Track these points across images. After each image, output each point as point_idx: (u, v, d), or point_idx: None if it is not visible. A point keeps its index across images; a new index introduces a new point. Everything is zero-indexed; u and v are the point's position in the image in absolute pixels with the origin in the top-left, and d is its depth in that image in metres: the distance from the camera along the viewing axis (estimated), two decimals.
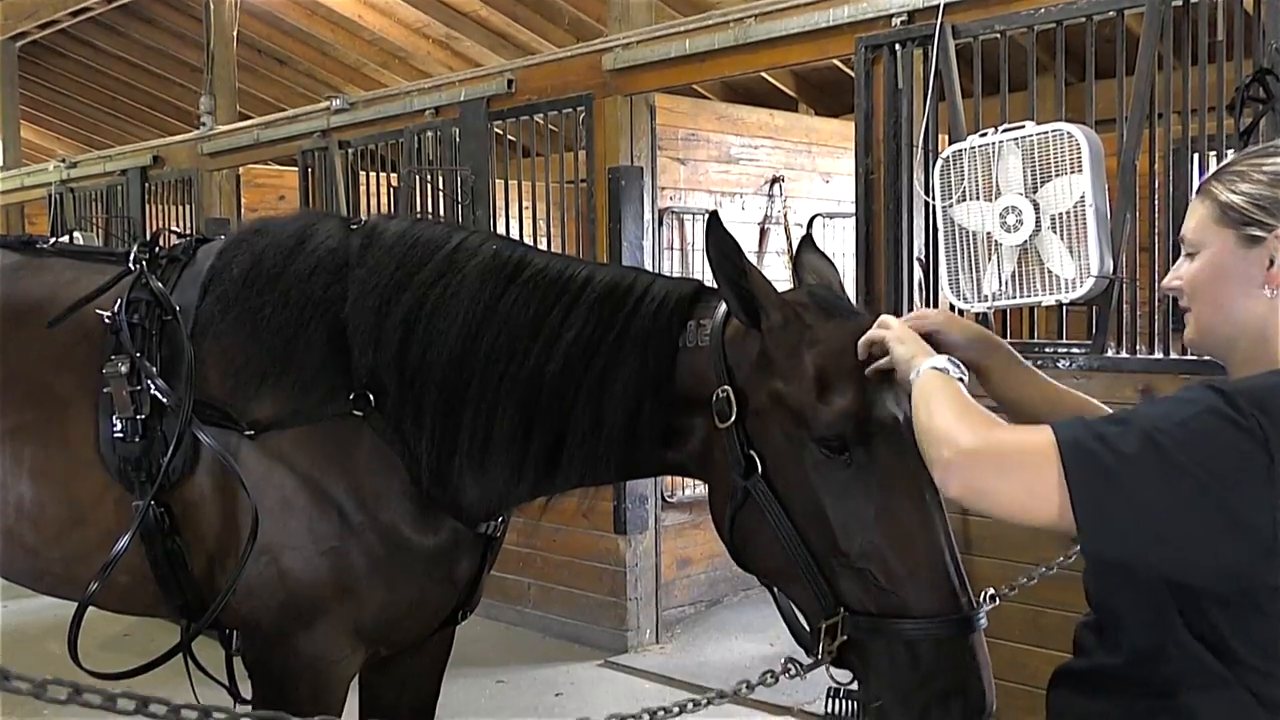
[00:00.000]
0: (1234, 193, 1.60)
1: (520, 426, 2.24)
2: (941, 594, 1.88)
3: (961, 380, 1.71)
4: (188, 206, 8.74)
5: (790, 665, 2.04)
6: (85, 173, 9.82)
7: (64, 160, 10.23)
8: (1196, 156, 4.65)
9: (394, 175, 7.11)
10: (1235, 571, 1.47)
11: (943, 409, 1.59)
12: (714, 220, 2.02)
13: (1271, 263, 1.56)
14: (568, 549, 6.23)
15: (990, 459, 1.50)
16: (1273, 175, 1.58)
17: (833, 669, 2.03)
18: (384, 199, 7.23)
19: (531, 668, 5.82)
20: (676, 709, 2.01)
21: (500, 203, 6.55)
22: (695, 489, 6.14)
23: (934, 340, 1.91)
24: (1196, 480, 1.41)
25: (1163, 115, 4.16)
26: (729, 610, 6.66)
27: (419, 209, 6.71)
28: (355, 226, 2.51)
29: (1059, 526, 1.47)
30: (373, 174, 7.31)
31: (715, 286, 2.19)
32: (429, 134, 6.68)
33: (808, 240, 2.40)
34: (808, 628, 2.05)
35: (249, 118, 9.06)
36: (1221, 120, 3.96)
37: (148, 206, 9.10)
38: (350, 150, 7.29)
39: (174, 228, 2.59)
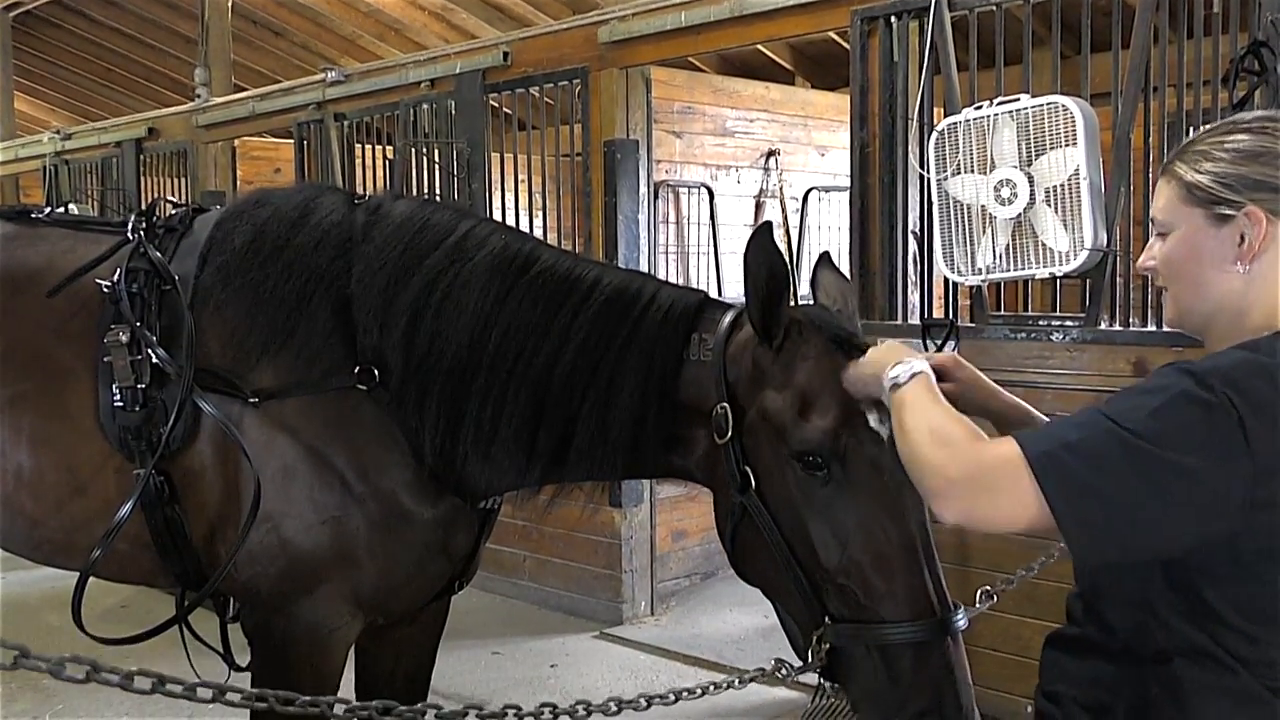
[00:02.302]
0: (1199, 172, 1.61)
1: (527, 424, 2.28)
2: (917, 601, 1.92)
3: (916, 375, 1.72)
4: (183, 179, 8.72)
5: (781, 667, 2.08)
6: (80, 144, 9.79)
7: (58, 132, 10.20)
8: (1191, 130, 4.66)
9: (390, 148, 7.10)
10: (1220, 542, 1.49)
11: (922, 438, 1.61)
12: (765, 231, 2.00)
13: (1243, 239, 1.58)
14: (564, 522, 6.26)
15: (975, 481, 1.52)
16: (1235, 152, 1.59)
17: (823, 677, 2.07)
18: (380, 172, 7.23)
19: (527, 639, 5.86)
20: (671, 696, 2.08)
21: (496, 176, 6.55)
22: None
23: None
24: (1173, 467, 1.44)
25: (1158, 89, 4.17)
26: (723, 583, 6.69)
27: (414, 182, 6.72)
28: (359, 202, 2.53)
29: (1051, 529, 1.49)
30: (368, 146, 7.30)
31: (717, 299, 2.24)
32: (424, 106, 6.67)
33: (825, 259, 2.40)
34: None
35: (244, 89, 9.04)
36: (1216, 93, 3.97)
37: (143, 179, 9.08)
38: (346, 123, 7.28)
39: (170, 198, 2.59)
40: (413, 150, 6.74)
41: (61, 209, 2.92)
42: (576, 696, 5.39)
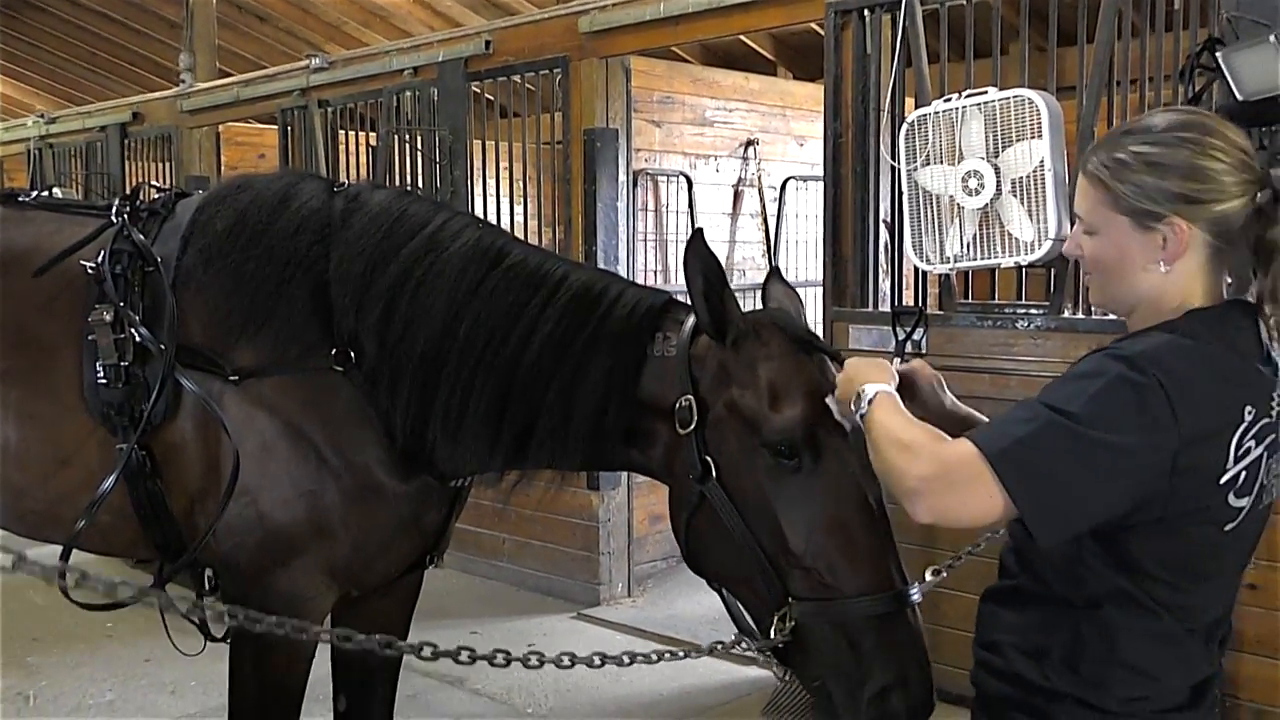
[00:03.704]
0: (1122, 183, 1.74)
1: (493, 410, 2.37)
2: (881, 577, 2.04)
3: (885, 393, 1.85)
4: (168, 164, 8.76)
5: (741, 640, 2.19)
6: (64, 128, 9.82)
7: (43, 116, 10.22)
8: None
9: (373, 135, 7.17)
10: (1151, 505, 1.64)
11: (889, 450, 1.73)
12: (698, 237, 2.14)
13: (1165, 242, 1.72)
14: (542, 505, 6.31)
15: (938, 481, 1.65)
16: (1154, 165, 1.72)
17: (775, 663, 2.18)
18: (363, 158, 7.29)
19: (505, 620, 5.96)
20: (655, 656, 2.18)
21: (477, 163, 6.62)
22: None
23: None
24: (1114, 447, 1.59)
25: (1121, 83, 4.28)
26: None
27: (397, 168, 6.79)
28: (338, 189, 2.61)
29: (1007, 518, 1.64)
30: (352, 133, 7.36)
31: (683, 300, 2.34)
32: (408, 94, 6.73)
33: (775, 273, 2.54)
34: (753, 623, 2.20)
35: (229, 75, 9.07)
36: (1176, 89, 4.07)
37: (127, 163, 9.12)
38: (329, 109, 7.33)
39: (154, 183, 2.67)
40: (396, 137, 6.81)
41: (45, 193, 2.99)
42: (552, 674, 5.49)
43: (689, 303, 2.24)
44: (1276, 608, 3.89)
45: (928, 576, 2.36)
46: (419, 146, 6.69)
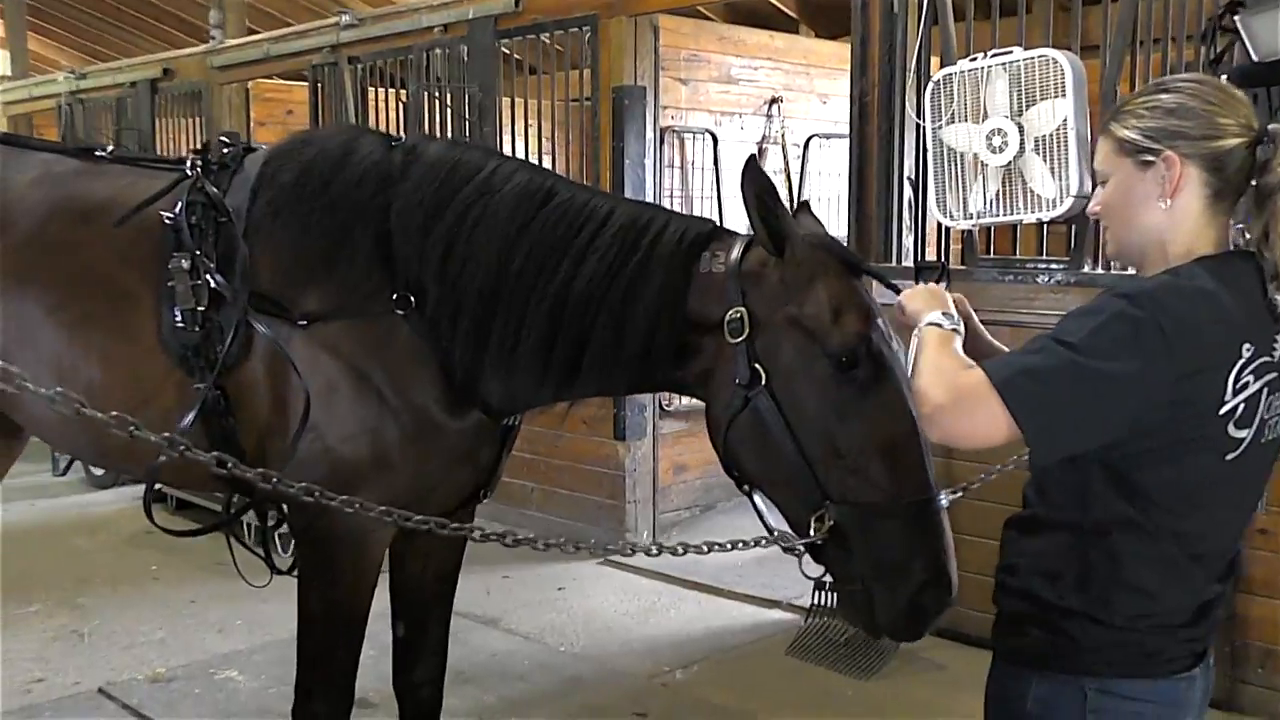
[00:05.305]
0: (1127, 129, 1.90)
1: (546, 337, 2.51)
2: (920, 481, 2.22)
3: (955, 331, 2.00)
4: (197, 119, 8.88)
5: (784, 537, 2.37)
6: (94, 84, 9.93)
7: (73, 71, 10.33)
8: None
9: (403, 92, 7.27)
10: (1149, 432, 1.78)
11: (925, 371, 1.89)
12: (751, 161, 2.30)
13: (1163, 180, 1.86)
14: (569, 454, 6.53)
15: (953, 407, 1.80)
16: (1158, 109, 1.88)
17: (811, 561, 2.37)
18: (393, 115, 7.40)
19: (534, 565, 6.12)
20: (729, 544, 2.42)
21: (506, 120, 6.73)
22: (691, 399, 6.39)
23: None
24: (1108, 375, 1.72)
25: (1143, 43, 4.37)
26: (722, 515, 6.97)
27: (427, 126, 6.90)
28: (395, 143, 2.75)
29: (1012, 441, 1.78)
30: (381, 90, 7.47)
31: (728, 228, 2.51)
32: (437, 51, 6.84)
33: (804, 206, 2.68)
34: (786, 524, 2.38)
35: (256, 32, 9.17)
36: (1199, 49, 4.17)
37: (157, 120, 9.24)
38: (359, 66, 7.44)
39: (223, 137, 2.80)
40: (426, 94, 6.92)
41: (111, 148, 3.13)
42: (582, 616, 5.69)
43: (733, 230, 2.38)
44: None
45: (952, 488, 2.53)
46: (449, 104, 6.80)
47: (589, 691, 4.56)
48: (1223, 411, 1.78)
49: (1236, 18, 3.73)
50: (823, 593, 5.10)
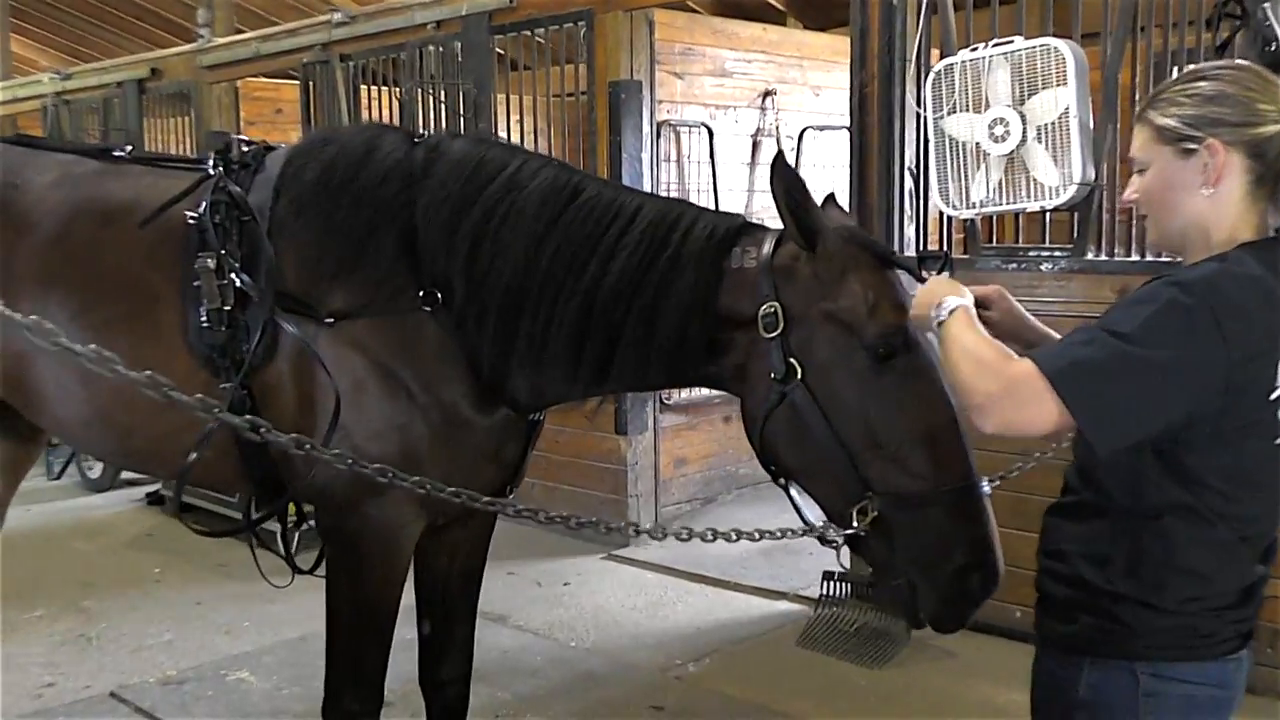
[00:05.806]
0: (1166, 116, 1.90)
1: (576, 334, 2.51)
2: (962, 469, 2.23)
3: (961, 307, 2.00)
4: (186, 119, 8.84)
5: (829, 528, 2.36)
6: (80, 85, 9.86)
7: (58, 72, 10.25)
8: (1176, 70, 4.89)
9: (396, 89, 7.25)
10: (1204, 418, 1.79)
11: (965, 362, 1.90)
12: (780, 159, 2.31)
13: (1205, 167, 1.87)
14: (571, 450, 6.53)
15: (1007, 396, 1.81)
16: (1197, 96, 1.89)
17: (849, 553, 2.39)
18: (386, 113, 7.37)
19: (539, 561, 6.14)
20: (757, 534, 2.48)
21: (501, 117, 6.72)
22: (691, 392, 6.40)
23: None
24: (1162, 364, 1.74)
25: (1145, 29, 4.40)
26: (722, 507, 7.01)
27: (422, 124, 6.88)
28: (418, 140, 2.74)
29: (1065, 430, 1.81)
30: (373, 88, 7.44)
31: (757, 223, 2.51)
32: (431, 48, 6.82)
33: (831, 198, 2.67)
34: (825, 517, 2.39)
35: (243, 31, 9.12)
36: (1200, 35, 4.20)
37: (145, 119, 9.19)
38: (351, 64, 7.41)
39: (243, 136, 2.79)
40: (419, 91, 6.90)
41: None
42: (590, 611, 5.69)
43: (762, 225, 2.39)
44: None
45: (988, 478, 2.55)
46: (443, 100, 6.78)
47: (604, 686, 4.57)
48: (1274, 396, 1.80)
49: (1266, 6, 3.74)
50: (832, 583, 5.14)
